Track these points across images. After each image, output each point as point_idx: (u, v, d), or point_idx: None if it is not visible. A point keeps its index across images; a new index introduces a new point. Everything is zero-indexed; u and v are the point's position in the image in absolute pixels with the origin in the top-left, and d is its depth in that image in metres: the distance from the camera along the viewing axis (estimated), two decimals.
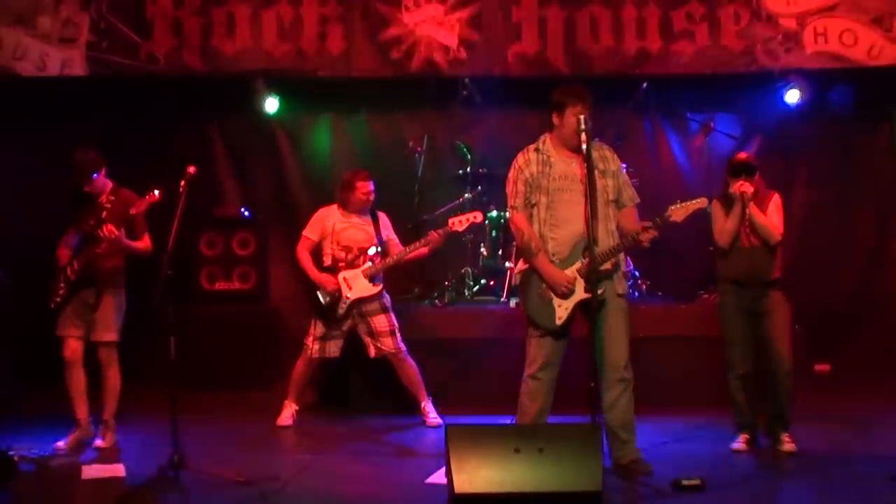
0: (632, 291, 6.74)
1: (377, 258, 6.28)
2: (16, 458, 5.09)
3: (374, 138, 8.38)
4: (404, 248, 6.30)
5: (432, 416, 6.28)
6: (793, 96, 7.82)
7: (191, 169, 5.09)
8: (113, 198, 5.70)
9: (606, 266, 4.89)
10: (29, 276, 5.96)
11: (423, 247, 6.22)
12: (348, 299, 6.21)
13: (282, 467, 5.19)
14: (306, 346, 6.31)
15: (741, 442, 5.47)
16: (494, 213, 7.38)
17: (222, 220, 8.04)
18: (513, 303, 6.96)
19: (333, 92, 8.09)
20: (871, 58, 7.50)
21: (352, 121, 8.43)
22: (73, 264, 5.65)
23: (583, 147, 4.75)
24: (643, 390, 5.07)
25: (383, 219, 6.48)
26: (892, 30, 7.48)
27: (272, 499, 4.63)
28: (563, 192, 4.92)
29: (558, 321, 4.90)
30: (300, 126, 8.42)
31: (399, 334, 6.27)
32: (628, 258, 5.40)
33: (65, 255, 5.69)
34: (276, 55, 7.74)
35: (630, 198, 5.07)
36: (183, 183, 5.06)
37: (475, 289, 7.40)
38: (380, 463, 5.46)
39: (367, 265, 6.25)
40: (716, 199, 5.51)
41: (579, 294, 4.87)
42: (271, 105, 8.03)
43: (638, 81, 7.60)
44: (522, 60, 7.72)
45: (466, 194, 7.41)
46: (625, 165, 5.41)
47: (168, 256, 4.90)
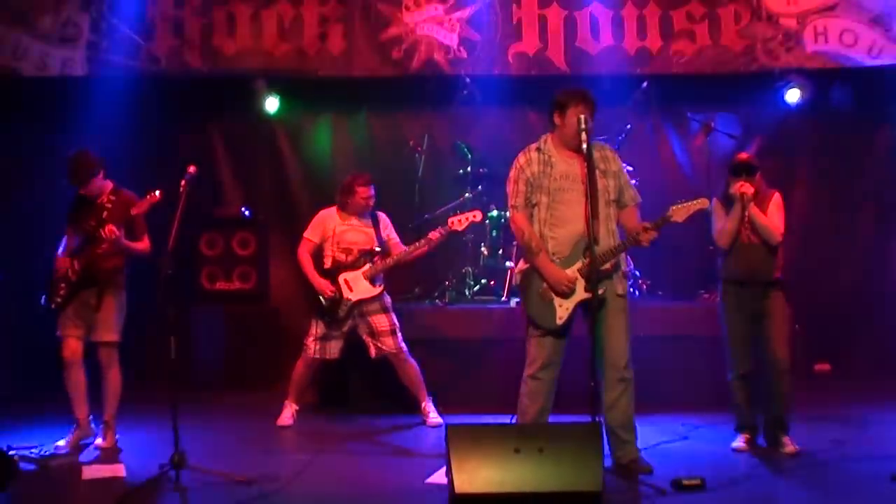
0: (632, 291, 6.73)
1: (378, 259, 6.28)
2: (16, 457, 5.08)
3: (374, 138, 8.38)
4: (405, 248, 6.30)
5: (433, 415, 6.28)
6: (793, 96, 7.83)
7: (191, 169, 5.10)
8: (113, 198, 5.70)
9: (607, 266, 4.89)
10: (29, 276, 5.95)
11: (423, 246, 6.22)
12: (350, 301, 6.22)
13: (282, 467, 5.19)
14: (306, 347, 6.31)
15: (741, 442, 5.47)
16: (495, 213, 7.38)
17: (222, 220, 8.04)
18: (513, 302, 6.96)
19: (334, 92, 8.08)
20: (871, 57, 7.51)
21: (352, 121, 8.43)
22: (74, 265, 5.65)
23: (583, 147, 4.76)
24: (643, 390, 5.06)
25: (383, 219, 6.47)
26: (892, 29, 7.49)
27: (272, 499, 4.63)
28: (565, 191, 4.91)
29: (559, 321, 4.90)
30: (300, 126, 8.41)
31: (400, 334, 6.27)
32: (629, 258, 5.39)
33: (64, 263, 5.66)
34: (277, 55, 7.75)
35: (631, 198, 5.06)
36: (183, 183, 5.06)
37: (476, 288, 7.39)
38: (380, 463, 5.45)
39: (367, 266, 6.25)
40: (716, 199, 5.51)
41: (580, 294, 4.87)
42: (271, 105, 8.04)
43: (638, 81, 7.60)
44: (522, 60, 7.73)
45: (467, 194, 7.40)
46: (626, 165, 5.41)
47: (168, 256, 4.89)
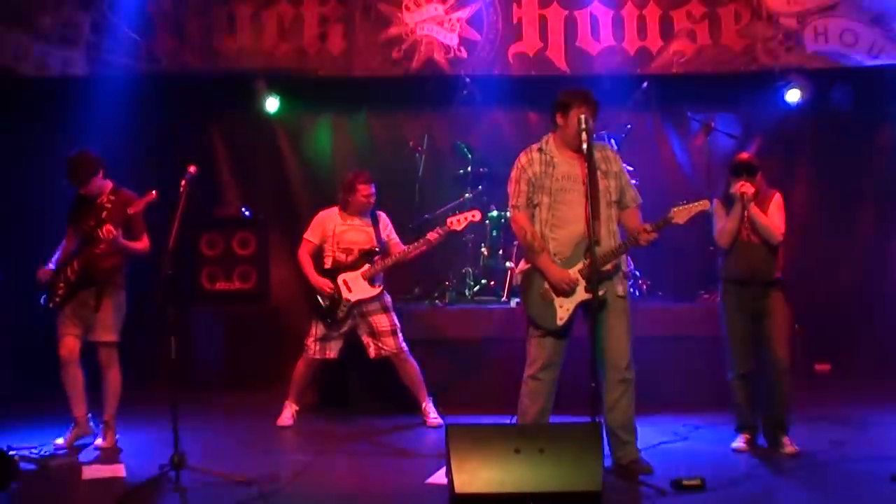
0: (632, 291, 6.73)
1: (377, 260, 6.28)
2: (16, 457, 5.08)
3: (374, 138, 8.38)
4: (405, 248, 6.30)
5: (433, 416, 6.28)
6: (793, 95, 7.84)
7: (191, 169, 5.09)
8: (113, 198, 5.70)
9: (608, 267, 4.89)
10: (29, 276, 5.95)
11: (423, 246, 6.22)
12: (349, 301, 6.21)
13: (282, 467, 5.19)
14: (307, 347, 6.31)
15: (741, 442, 5.47)
16: (495, 213, 7.37)
17: (222, 220, 8.04)
18: (513, 303, 6.95)
19: (334, 92, 8.09)
20: (872, 57, 7.51)
21: (352, 121, 8.43)
22: (73, 264, 5.65)
23: (584, 147, 4.75)
24: (643, 390, 5.06)
25: (383, 219, 6.47)
26: (892, 29, 7.48)
27: (272, 499, 4.63)
28: (566, 192, 4.91)
29: (559, 321, 4.89)
30: (300, 126, 8.42)
31: (401, 334, 6.27)
32: (629, 258, 5.38)
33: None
34: (277, 55, 7.75)
35: (632, 198, 5.06)
36: (183, 183, 5.05)
37: (476, 289, 7.39)
38: (380, 463, 5.45)
39: (365, 267, 6.25)
40: (717, 199, 5.51)
41: (581, 294, 4.87)
42: (272, 105, 8.04)
43: (638, 81, 7.59)
44: (522, 60, 7.73)
45: (467, 194, 7.40)
46: (626, 165, 5.40)
47: (168, 256, 4.88)
